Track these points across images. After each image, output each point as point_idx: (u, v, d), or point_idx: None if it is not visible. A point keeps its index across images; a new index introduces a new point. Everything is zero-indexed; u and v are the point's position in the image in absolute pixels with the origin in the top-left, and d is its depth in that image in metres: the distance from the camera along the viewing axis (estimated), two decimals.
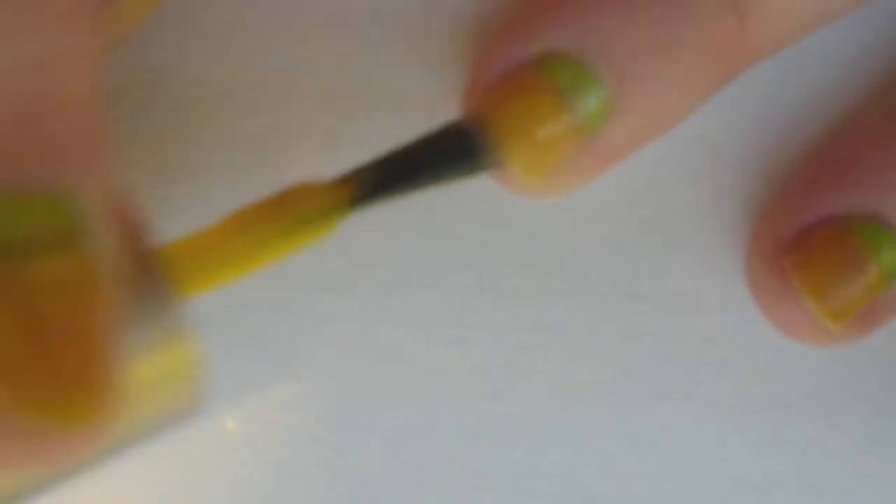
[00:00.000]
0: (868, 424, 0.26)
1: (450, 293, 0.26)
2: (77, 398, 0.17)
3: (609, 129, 0.24)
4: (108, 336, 0.17)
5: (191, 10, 0.25)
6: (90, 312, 0.17)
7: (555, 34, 0.23)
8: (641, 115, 0.24)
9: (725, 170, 0.27)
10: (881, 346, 0.26)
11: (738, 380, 0.26)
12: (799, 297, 0.25)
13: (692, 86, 0.24)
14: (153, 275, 0.19)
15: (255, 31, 0.25)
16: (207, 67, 0.25)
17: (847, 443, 0.26)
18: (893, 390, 0.27)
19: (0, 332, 0.16)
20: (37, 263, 0.17)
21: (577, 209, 0.26)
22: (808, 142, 0.27)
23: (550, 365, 0.26)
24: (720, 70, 0.24)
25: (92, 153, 0.18)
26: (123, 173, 0.19)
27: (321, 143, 0.26)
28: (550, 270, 0.26)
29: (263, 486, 0.25)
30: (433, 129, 0.23)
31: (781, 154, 0.27)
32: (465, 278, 0.26)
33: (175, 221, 0.21)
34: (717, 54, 0.23)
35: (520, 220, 0.26)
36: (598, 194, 0.26)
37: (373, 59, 0.26)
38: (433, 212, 0.26)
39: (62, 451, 0.17)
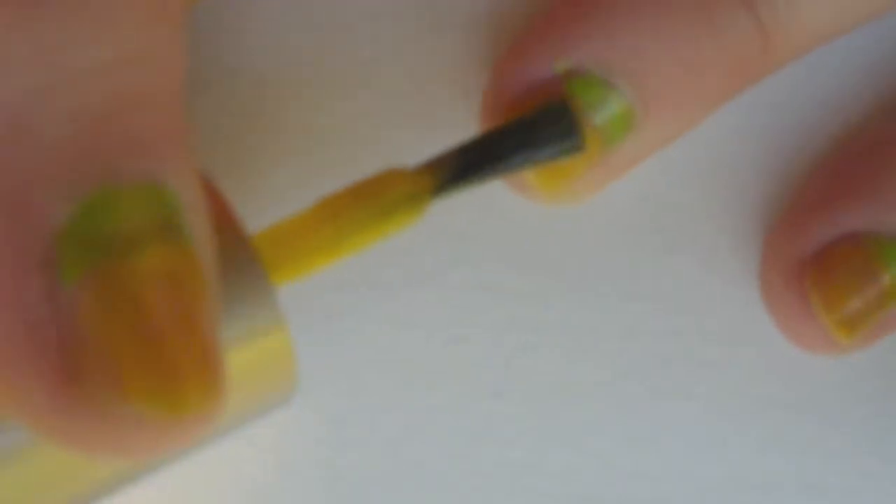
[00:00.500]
0: (868, 424, 0.26)
1: (450, 292, 0.26)
2: (186, 387, 0.17)
3: (626, 144, 0.24)
4: (213, 324, 0.17)
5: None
6: (195, 301, 0.17)
7: (581, 51, 0.23)
8: (659, 130, 0.24)
9: (726, 170, 0.27)
10: (881, 347, 0.26)
11: (738, 380, 0.26)
12: (817, 314, 0.25)
13: (711, 102, 0.24)
14: (248, 263, 0.19)
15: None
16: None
17: (847, 443, 0.26)
18: (893, 390, 0.27)
19: (109, 323, 0.16)
20: (141, 255, 0.17)
21: (578, 210, 0.26)
22: (810, 142, 0.27)
23: (550, 365, 0.26)
24: (740, 87, 0.24)
25: (182, 145, 0.18)
26: (206, 164, 0.19)
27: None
28: (550, 270, 0.26)
29: (264, 485, 0.25)
30: (519, 118, 0.23)
31: (782, 154, 0.27)
32: (466, 278, 0.26)
33: (256, 212, 0.21)
34: (739, 73, 0.24)
35: (520, 220, 0.26)
36: (599, 195, 0.26)
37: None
38: (433, 211, 0.26)
39: (170, 440, 0.17)
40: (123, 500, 0.25)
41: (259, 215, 0.21)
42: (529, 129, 0.23)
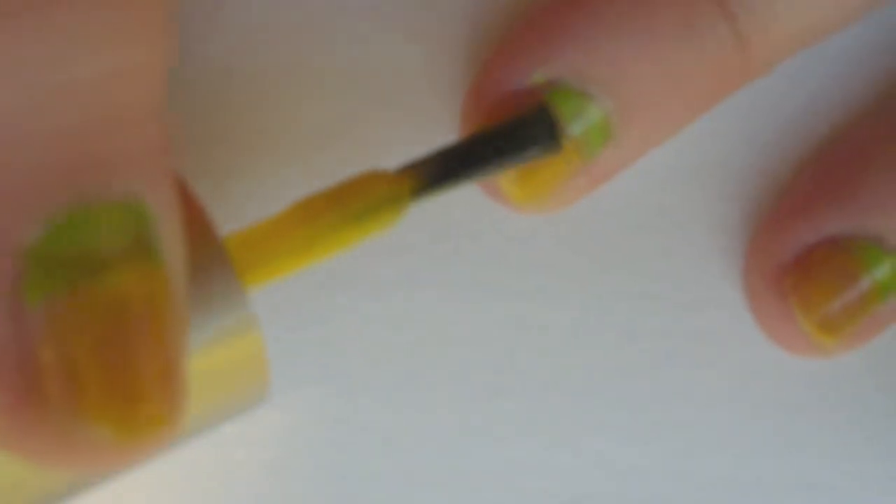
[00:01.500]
0: (868, 424, 0.26)
1: (449, 292, 0.26)
2: (144, 411, 0.17)
3: (605, 154, 0.24)
4: (176, 348, 0.17)
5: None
6: (159, 325, 0.17)
7: (559, 61, 0.23)
8: (638, 139, 0.24)
9: (725, 171, 0.27)
10: (881, 346, 0.27)
11: (738, 380, 0.26)
12: (797, 317, 0.25)
13: (690, 111, 0.24)
14: (219, 265, 0.19)
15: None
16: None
17: (846, 442, 0.26)
18: (893, 390, 0.27)
19: (69, 347, 0.16)
20: (106, 278, 0.17)
21: (578, 210, 0.26)
22: (807, 144, 0.27)
23: (549, 364, 0.26)
24: (720, 95, 0.24)
25: (160, 159, 0.18)
26: (183, 169, 0.19)
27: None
28: (550, 270, 0.26)
29: (264, 485, 0.25)
30: (499, 123, 0.23)
31: (781, 155, 0.27)
32: (465, 277, 0.26)
33: (232, 216, 0.22)
34: (719, 82, 0.24)
35: (521, 220, 0.26)
36: (598, 195, 0.26)
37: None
38: (434, 211, 0.26)
39: (126, 460, 0.17)
40: (122, 499, 0.25)
41: (242, 215, 0.21)
42: (509, 134, 0.23)
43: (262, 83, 0.25)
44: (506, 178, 0.24)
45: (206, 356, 0.19)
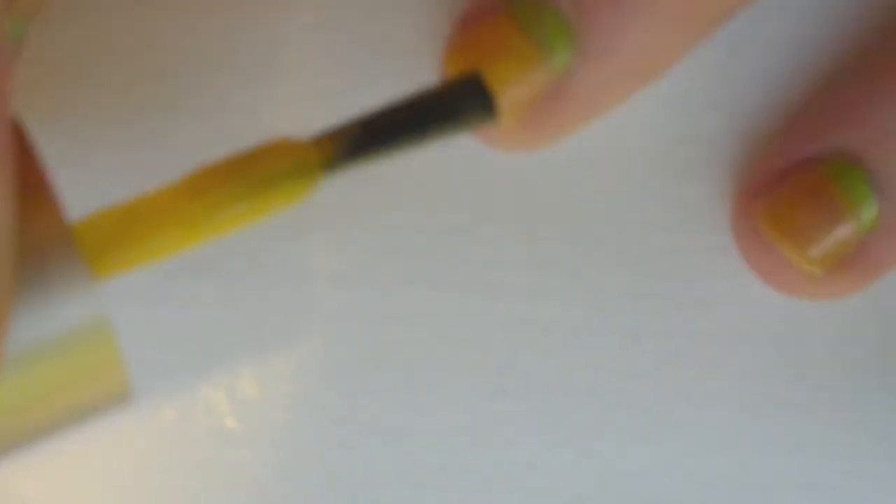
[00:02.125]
0: (871, 424, 0.26)
1: (450, 292, 0.26)
2: None
3: (581, 72, 0.23)
4: None
5: None
6: None
7: None
8: (606, 49, 0.23)
9: (728, 169, 0.27)
10: (882, 345, 0.26)
11: (740, 380, 0.26)
12: (770, 239, 0.25)
13: (665, 27, 0.23)
14: (65, 253, 0.17)
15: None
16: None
17: (850, 443, 0.26)
18: (894, 389, 0.27)
19: None
20: None
21: (578, 210, 0.26)
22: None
23: (551, 365, 0.26)
24: (699, 13, 0.23)
25: None
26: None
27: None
28: (551, 270, 0.26)
29: (264, 485, 0.25)
30: (420, 89, 0.21)
31: None
32: (466, 277, 0.26)
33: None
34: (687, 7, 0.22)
35: (521, 220, 0.26)
36: (600, 194, 0.26)
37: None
38: (434, 210, 0.26)
39: None
40: (123, 499, 0.25)
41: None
42: (436, 102, 0.21)
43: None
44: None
45: (54, 355, 0.17)
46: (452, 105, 0.21)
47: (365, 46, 0.26)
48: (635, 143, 0.27)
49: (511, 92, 0.22)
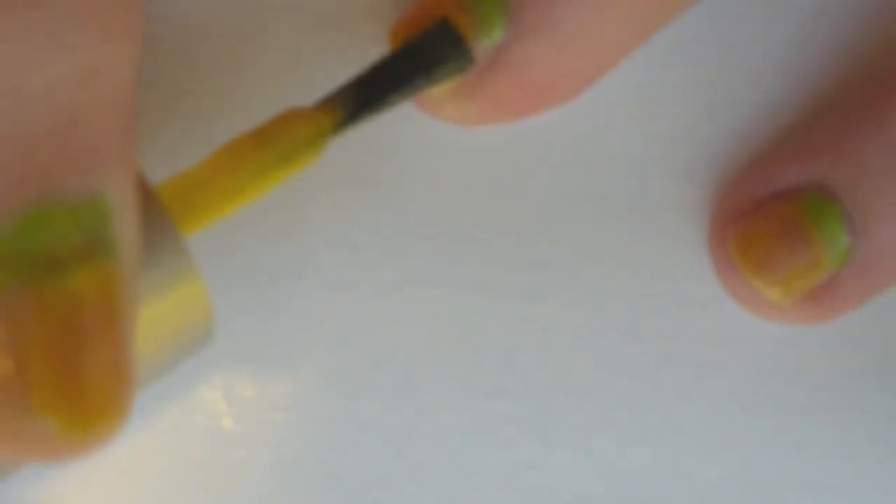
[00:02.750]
0: (871, 424, 0.26)
1: (450, 292, 0.26)
2: (94, 406, 0.17)
3: (513, 44, 0.24)
4: (129, 341, 0.17)
5: None
6: (115, 320, 0.17)
7: None
8: (542, 29, 0.23)
9: (726, 170, 0.27)
10: (882, 345, 0.26)
11: (740, 380, 0.26)
12: (738, 267, 0.25)
13: (603, 9, 0.23)
14: (158, 217, 0.19)
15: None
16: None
17: (850, 443, 0.26)
18: (894, 390, 0.27)
19: (30, 339, 0.17)
20: (70, 274, 0.17)
21: (578, 210, 0.26)
22: None
23: (551, 364, 0.26)
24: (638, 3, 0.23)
25: (125, 154, 0.18)
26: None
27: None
28: (551, 270, 0.26)
29: (263, 486, 0.25)
30: (405, 43, 0.24)
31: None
32: (466, 278, 0.26)
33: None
34: None
35: (520, 221, 0.26)
36: (599, 195, 0.26)
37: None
38: (434, 210, 0.26)
39: (71, 454, 0.17)
40: (123, 498, 0.25)
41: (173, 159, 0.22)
42: (416, 52, 0.23)
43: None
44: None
45: (152, 306, 0.20)
46: (432, 51, 0.23)
47: (365, 45, 0.26)
48: (635, 144, 0.27)
49: None
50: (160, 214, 0.19)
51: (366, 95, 0.23)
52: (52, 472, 0.25)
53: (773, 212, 0.25)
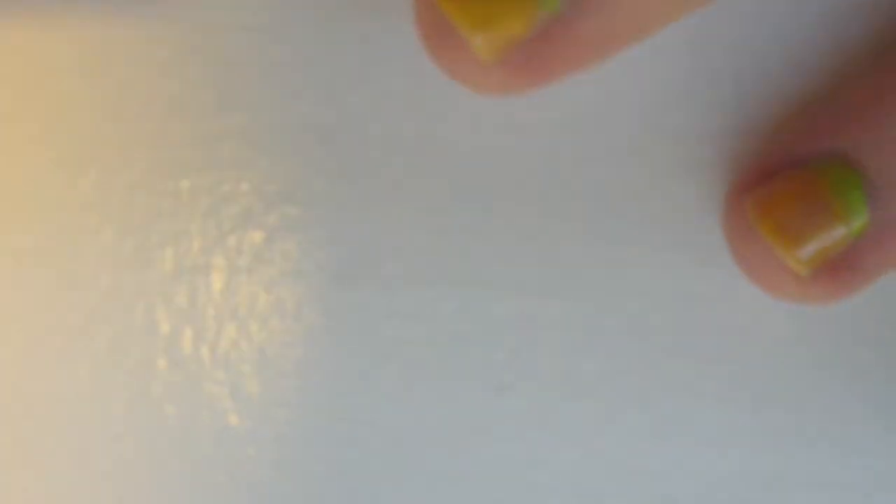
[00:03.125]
0: (881, 420, 0.26)
1: (452, 289, 0.26)
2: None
3: (575, 19, 0.22)
4: None
5: None
6: None
7: None
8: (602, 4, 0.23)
9: (729, 166, 0.26)
10: (890, 340, 0.26)
11: (747, 375, 0.26)
12: (759, 235, 0.25)
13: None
14: None
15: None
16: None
17: (859, 438, 0.26)
18: (895, 389, 0.26)
19: None
20: None
21: (580, 207, 0.26)
22: None
23: (553, 361, 0.26)
24: None
25: None
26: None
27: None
28: (554, 266, 0.26)
29: (267, 483, 0.25)
30: None
31: None
32: (468, 274, 0.26)
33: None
34: None
35: (522, 219, 0.26)
36: (600, 193, 0.26)
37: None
38: (435, 209, 0.26)
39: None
40: (124, 497, 0.25)
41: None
42: None
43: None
44: (466, 21, 0.22)
45: None
46: None
47: (366, 46, 0.26)
48: (635, 141, 0.26)
49: (494, 30, 0.22)
50: None
51: None
52: (58, 468, 0.25)
53: (794, 178, 0.25)
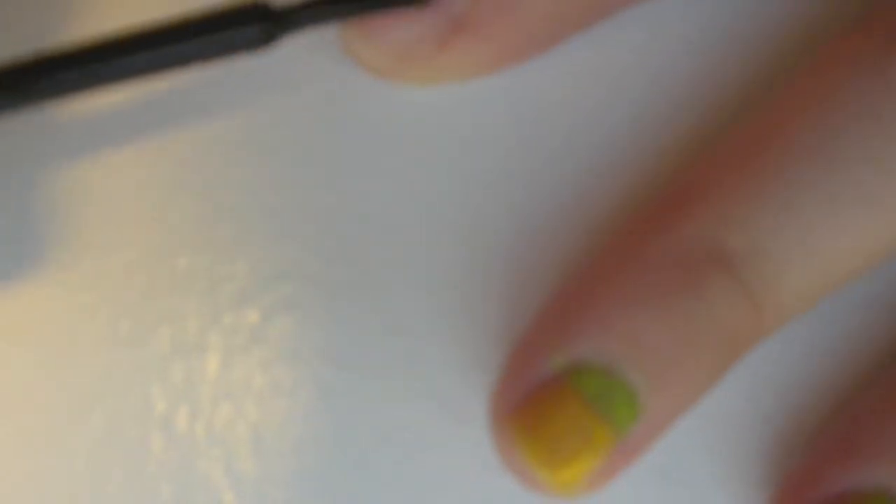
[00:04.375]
0: None
1: (451, 291, 0.26)
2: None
3: (638, 429, 0.24)
4: None
5: None
6: None
7: (579, 343, 0.23)
8: (667, 409, 0.24)
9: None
10: (884, 344, 0.26)
11: (746, 374, 0.26)
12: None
13: (710, 377, 0.24)
14: None
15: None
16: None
17: None
18: None
19: None
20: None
21: (579, 209, 0.26)
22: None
23: None
24: (735, 357, 0.24)
25: None
26: None
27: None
28: (556, 266, 0.26)
29: (264, 485, 0.25)
30: None
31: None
32: (468, 276, 0.26)
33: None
34: (734, 345, 0.24)
35: (521, 220, 0.26)
36: (600, 196, 0.26)
37: None
38: (435, 211, 0.26)
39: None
40: (124, 497, 0.25)
41: None
42: None
43: None
44: (539, 462, 0.23)
45: None
46: None
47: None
48: (636, 142, 0.27)
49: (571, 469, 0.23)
50: None
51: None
52: None
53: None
